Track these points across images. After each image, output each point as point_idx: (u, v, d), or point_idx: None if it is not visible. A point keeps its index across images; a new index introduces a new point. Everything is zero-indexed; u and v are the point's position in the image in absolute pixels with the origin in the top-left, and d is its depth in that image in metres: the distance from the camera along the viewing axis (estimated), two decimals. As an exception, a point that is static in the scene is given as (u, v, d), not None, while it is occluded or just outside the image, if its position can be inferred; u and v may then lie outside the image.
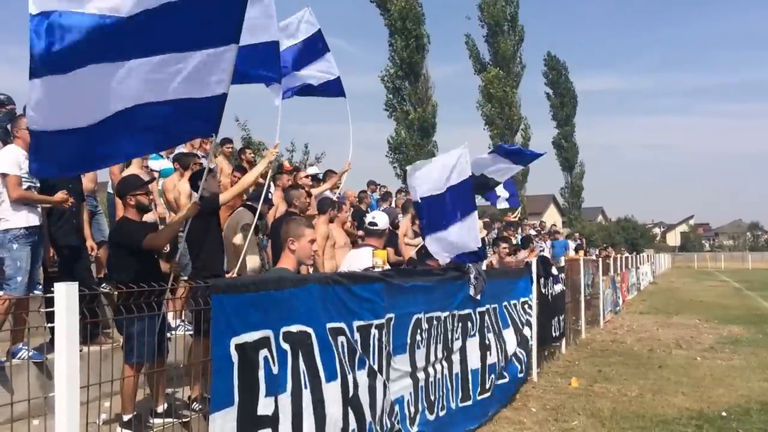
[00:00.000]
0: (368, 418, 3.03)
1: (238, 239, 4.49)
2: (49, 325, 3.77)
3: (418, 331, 3.79)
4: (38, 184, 3.95)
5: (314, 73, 4.94)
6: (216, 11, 2.62)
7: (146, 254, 3.50)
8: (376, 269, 3.60)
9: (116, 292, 3.07)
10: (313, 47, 4.90)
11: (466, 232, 4.44)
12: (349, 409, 2.87)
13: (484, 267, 5.11)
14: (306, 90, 5.02)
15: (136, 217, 3.60)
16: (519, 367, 5.77)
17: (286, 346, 2.52)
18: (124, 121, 2.66)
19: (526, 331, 6.11)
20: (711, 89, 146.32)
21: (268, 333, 2.44)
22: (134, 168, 4.84)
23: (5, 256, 3.72)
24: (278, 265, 2.96)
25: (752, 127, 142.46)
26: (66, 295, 1.82)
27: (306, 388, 2.57)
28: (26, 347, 3.74)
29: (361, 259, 4.11)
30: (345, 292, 2.96)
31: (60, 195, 3.88)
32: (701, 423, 4.82)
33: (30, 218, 3.82)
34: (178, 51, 2.62)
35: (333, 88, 5.04)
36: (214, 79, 2.72)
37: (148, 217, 4.24)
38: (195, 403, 3.61)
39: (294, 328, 2.57)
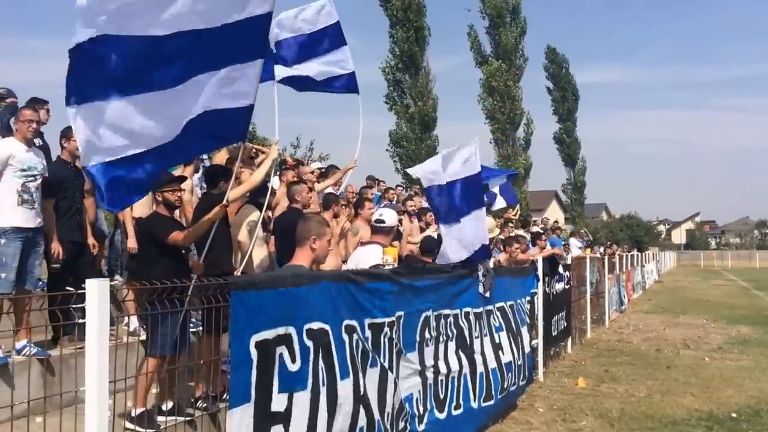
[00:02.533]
0: (377, 416, 3.01)
1: (243, 236, 4.45)
2: (75, 322, 3.73)
3: (427, 329, 3.75)
4: (33, 179, 3.85)
5: (326, 66, 4.88)
6: (243, 32, 2.78)
7: (173, 249, 3.57)
8: (387, 267, 3.55)
9: (138, 287, 3.09)
10: (330, 38, 4.85)
11: (474, 228, 4.38)
12: (360, 407, 2.86)
13: (491, 264, 5.05)
14: (318, 85, 4.96)
15: (166, 213, 3.68)
16: (523, 366, 5.72)
17: (309, 343, 2.52)
18: (168, 139, 2.88)
19: (532, 330, 6.05)
20: (718, 83, 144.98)
21: (290, 330, 2.45)
22: None
23: None
24: (293, 261, 2.92)
25: (761, 122, 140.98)
26: (97, 290, 1.87)
27: (323, 385, 2.59)
28: (30, 344, 3.70)
29: (369, 256, 4.06)
30: (357, 289, 2.94)
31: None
32: (711, 424, 4.77)
33: (24, 220, 3.72)
34: (211, 70, 2.83)
35: (346, 84, 4.98)
36: (241, 91, 2.89)
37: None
38: (201, 401, 3.57)
39: (315, 326, 2.58)
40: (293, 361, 2.44)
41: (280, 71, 4.82)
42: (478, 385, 4.60)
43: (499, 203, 9.16)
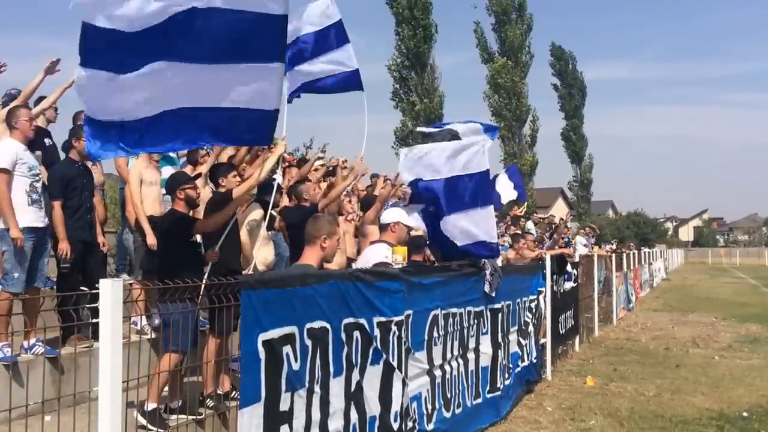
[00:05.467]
0: (373, 413, 3.00)
1: (243, 235, 4.43)
2: (87, 322, 3.74)
3: (436, 327, 3.75)
4: (39, 178, 3.85)
5: (330, 65, 4.87)
6: (259, 28, 2.82)
7: (191, 246, 3.66)
8: (396, 265, 3.53)
9: (154, 287, 3.11)
10: (332, 37, 4.84)
11: (478, 224, 4.35)
12: (351, 403, 2.86)
13: (499, 262, 5.03)
14: (321, 86, 4.96)
15: (185, 210, 3.73)
16: (531, 365, 5.69)
17: (308, 342, 2.53)
18: (177, 118, 2.90)
19: (540, 328, 6.02)
20: (725, 79, 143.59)
21: (293, 329, 2.45)
22: (142, 161, 4.77)
23: (6, 249, 3.65)
24: (302, 260, 2.92)
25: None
26: (111, 290, 1.87)
27: (317, 383, 2.59)
28: (40, 342, 3.72)
29: (373, 254, 4.02)
30: (367, 288, 2.94)
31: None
32: (722, 424, 4.73)
33: (34, 219, 3.75)
34: (225, 62, 2.84)
35: (350, 81, 4.97)
36: (262, 93, 2.90)
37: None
38: (209, 399, 3.58)
39: (316, 325, 2.59)
40: (296, 360, 2.45)
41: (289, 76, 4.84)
42: (486, 383, 4.59)
43: (508, 195, 8.80)
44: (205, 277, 3.22)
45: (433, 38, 23.61)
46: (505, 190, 8.71)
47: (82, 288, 3.93)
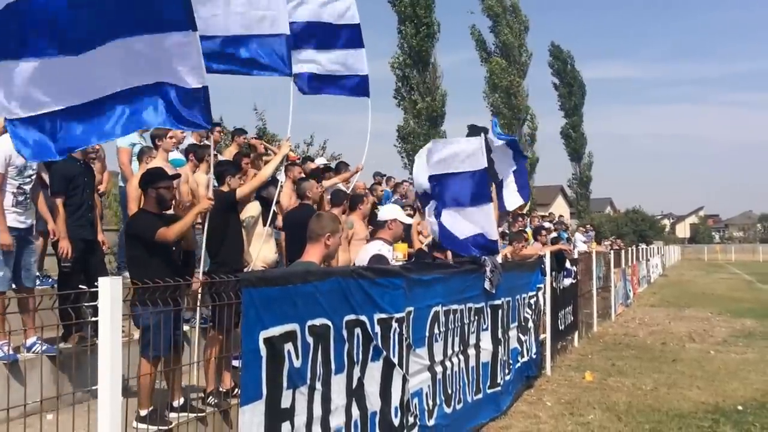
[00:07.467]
0: (374, 408, 3.02)
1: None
2: (87, 320, 3.74)
3: (436, 324, 3.76)
4: (29, 180, 3.83)
5: (338, 63, 4.92)
6: None
7: (162, 248, 3.37)
8: (397, 263, 3.54)
9: (132, 287, 3.04)
10: (348, 37, 4.90)
11: (477, 221, 4.36)
12: (353, 400, 2.87)
13: (499, 260, 5.05)
14: (329, 87, 5.01)
15: (155, 210, 3.46)
16: (531, 361, 5.73)
17: (310, 340, 2.53)
18: (101, 105, 2.74)
19: (539, 324, 6.04)
20: (722, 78, 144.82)
21: (295, 327, 2.45)
22: (159, 161, 4.76)
23: None
24: (304, 258, 2.92)
25: (764, 117, 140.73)
26: (110, 288, 1.86)
27: (319, 380, 2.59)
28: (39, 341, 3.72)
29: (367, 252, 4.02)
30: (368, 285, 2.94)
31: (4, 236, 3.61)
32: (717, 417, 4.77)
33: (12, 220, 3.69)
34: (130, 35, 2.65)
35: (359, 86, 5.04)
36: (183, 68, 2.72)
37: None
38: (211, 397, 3.59)
39: (318, 322, 2.58)
40: (297, 357, 2.45)
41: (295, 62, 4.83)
42: (487, 379, 4.61)
43: (514, 200, 8.67)
44: (183, 282, 3.14)
45: (436, 36, 23.58)
46: (512, 194, 8.56)
47: (80, 287, 3.91)
